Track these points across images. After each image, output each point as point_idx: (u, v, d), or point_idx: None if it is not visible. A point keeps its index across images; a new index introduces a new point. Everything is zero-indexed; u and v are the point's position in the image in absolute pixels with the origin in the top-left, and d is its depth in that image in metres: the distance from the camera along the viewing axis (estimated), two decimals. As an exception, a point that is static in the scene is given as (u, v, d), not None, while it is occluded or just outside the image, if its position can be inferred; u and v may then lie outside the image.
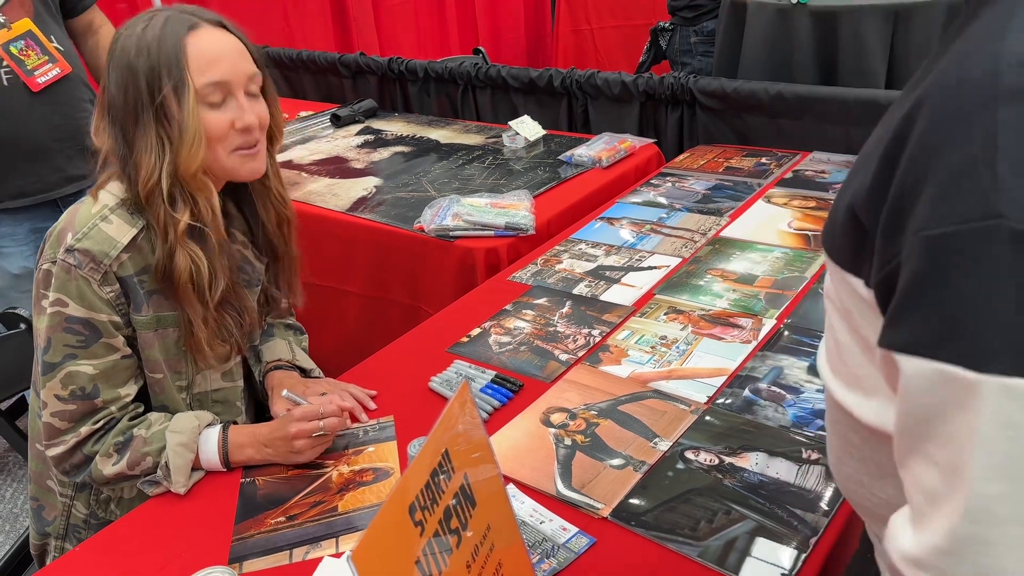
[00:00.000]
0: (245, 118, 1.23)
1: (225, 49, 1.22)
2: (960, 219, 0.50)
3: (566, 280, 1.79)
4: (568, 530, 1.09)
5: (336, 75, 3.58)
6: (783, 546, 1.03)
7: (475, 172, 2.44)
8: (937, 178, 0.52)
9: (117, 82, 1.20)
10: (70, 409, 1.23)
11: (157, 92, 1.18)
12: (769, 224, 1.95)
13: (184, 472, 1.23)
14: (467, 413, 0.82)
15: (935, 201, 0.52)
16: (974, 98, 0.52)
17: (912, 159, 0.55)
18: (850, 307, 0.66)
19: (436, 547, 0.73)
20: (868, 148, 0.66)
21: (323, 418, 1.25)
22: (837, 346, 0.70)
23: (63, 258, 1.20)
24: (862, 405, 0.67)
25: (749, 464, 1.18)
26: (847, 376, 0.69)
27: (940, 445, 0.52)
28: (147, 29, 1.20)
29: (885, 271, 0.57)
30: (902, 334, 0.54)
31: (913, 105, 0.57)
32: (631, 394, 1.37)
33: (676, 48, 3.63)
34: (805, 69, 2.78)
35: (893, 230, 0.56)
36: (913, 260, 0.53)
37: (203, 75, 1.19)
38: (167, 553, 1.13)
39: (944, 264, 0.51)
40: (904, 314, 0.54)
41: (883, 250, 0.58)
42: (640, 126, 2.78)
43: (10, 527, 2.41)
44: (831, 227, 0.69)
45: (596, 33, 4.96)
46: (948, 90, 0.54)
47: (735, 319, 1.56)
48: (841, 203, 0.67)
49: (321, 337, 1.85)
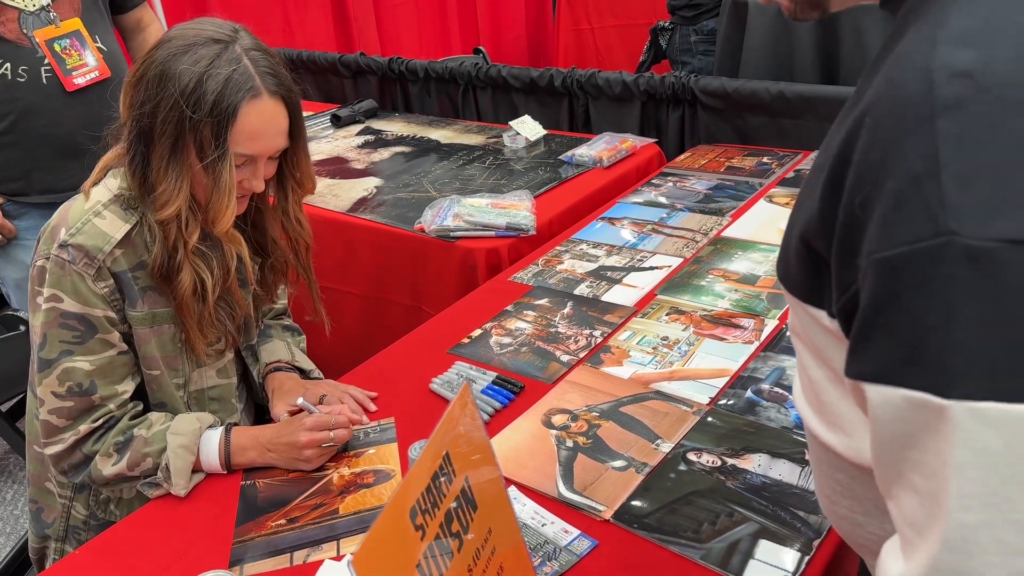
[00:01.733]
0: (254, 184, 1.24)
1: (271, 128, 1.22)
2: (910, 239, 0.48)
3: (567, 281, 1.78)
4: (570, 532, 1.09)
5: (336, 75, 3.57)
6: (786, 548, 1.02)
7: (476, 172, 2.43)
8: (883, 199, 0.51)
9: (161, 105, 1.16)
10: (67, 406, 1.22)
11: (197, 145, 1.17)
12: (771, 224, 1.94)
13: (184, 474, 1.23)
14: (468, 415, 0.82)
15: (883, 222, 0.50)
16: (911, 114, 0.50)
17: (856, 181, 0.54)
18: (816, 341, 0.64)
19: (437, 551, 0.72)
20: (812, 174, 0.64)
21: (334, 428, 1.26)
22: (811, 383, 0.68)
23: (57, 254, 1.20)
24: (845, 443, 0.65)
25: (752, 466, 1.17)
26: (825, 415, 0.67)
27: (919, 472, 0.51)
28: (209, 76, 1.15)
29: (845, 298, 0.56)
30: (865, 362, 0.53)
31: (852, 125, 0.55)
32: (633, 395, 1.36)
33: (676, 47, 3.62)
34: (806, 68, 2.78)
35: (847, 255, 0.55)
36: (868, 285, 0.52)
37: (241, 145, 1.19)
38: (167, 556, 1.13)
39: (898, 287, 0.49)
40: (865, 342, 0.53)
41: (840, 276, 0.56)
42: (641, 126, 2.77)
43: (11, 529, 2.41)
44: (785, 260, 0.68)
45: (597, 32, 4.96)
46: (884, 109, 0.53)
47: (737, 320, 1.55)
48: (792, 233, 0.65)
49: (321, 338, 1.85)
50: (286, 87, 1.24)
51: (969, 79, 0.49)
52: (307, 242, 1.43)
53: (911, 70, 0.52)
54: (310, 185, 1.37)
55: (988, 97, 0.48)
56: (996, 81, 0.48)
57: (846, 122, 0.58)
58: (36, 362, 1.24)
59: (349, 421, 1.30)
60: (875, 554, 0.70)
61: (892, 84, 0.53)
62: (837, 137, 0.58)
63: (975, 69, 0.49)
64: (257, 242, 1.41)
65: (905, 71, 0.52)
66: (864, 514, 0.69)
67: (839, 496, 0.71)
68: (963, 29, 0.51)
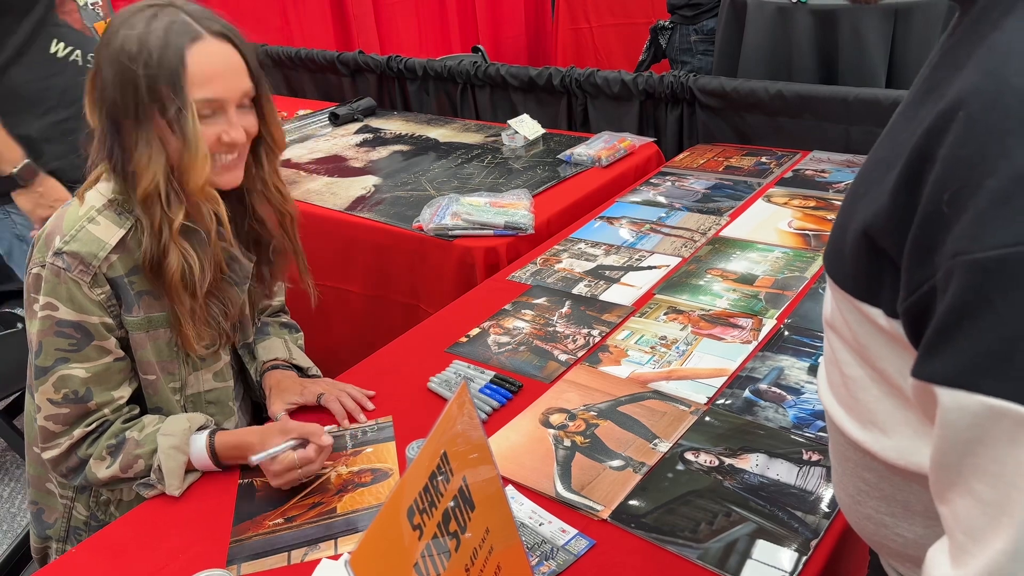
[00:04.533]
0: (232, 134, 1.22)
1: (224, 65, 1.20)
2: (1010, 242, 0.46)
3: (565, 280, 1.78)
4: (567, 532, 1.09)
5: (335, 73, 3.57)
6: (783, 548, 1.02)
7: (474, 171, 2.43)
8: (981, 197, 0.48)
9: (114, 80, 1.17)
10: (63, 412, 1.22)
11: (157, 103, 1.16)
12: (769, 223, 1.94)
13: (177, 475, 1.23)
14: (466, 414, 0.82)
15: (979, 222, 0.48)
16: (1016, 112, 0.48)
17: (945, 177, 0.51)
18: (864, 340, 0.62)
19: (435, 550, 0.72)
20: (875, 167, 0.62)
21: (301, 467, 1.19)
22: (845, 380, 0.66)
23: (52, 261, 1.19)
24: (880, 442, 0.64)
25: (749, 465, 1.17)
26: (859, 412, 0.65)
27: (986, 481, 0.49)
28: (149, 32, 1.16)
29: (915, 297, 0.54)
30: (942, 365, 0.51)
31: (937, 120, 0.53)
32: (631, 395, 1.36)
33: (676, 47, 3.63)
34: (805, 68, 2.78)
35: (923, 253, 0.52)
36: (954, 286, 0.49)
37: (199, 90, 1.17)
38: (165, 555, 1.12)
39: (990, 291, 0.47)
40: (943, 343, 0.51)
41: (911, 275, 0.54)
42: (640, 125, 2.77)
43: (7, 526, 2.40)
44: (836, 255, 0.65)
45: (595, 31, 4.96)
46: (988, 103, 0.50)
47: (735, 319, 1.55)
48: (850, 227, 0.62)
49: (319, 336, 1.85)
50: (229, 28, 1.23)
51: None
52: (291, 214, 1.41)
53: (1017, 63, 0.49)
54: (282, 140, 1.35)
55: None
56: None
57: (923, 116, 0.55)
58: (32, 369, 1.23)
59: (318, 450, 1.21)
60: (898, 556, 0.69)
61: (992, 78, 0.50)
62: (912, 131, 0.55)
63: None
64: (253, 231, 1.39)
65: (1011, 67, 0.50)
66: (891, 515, 0.67)
67: (865, 496, 0.69)
68: None
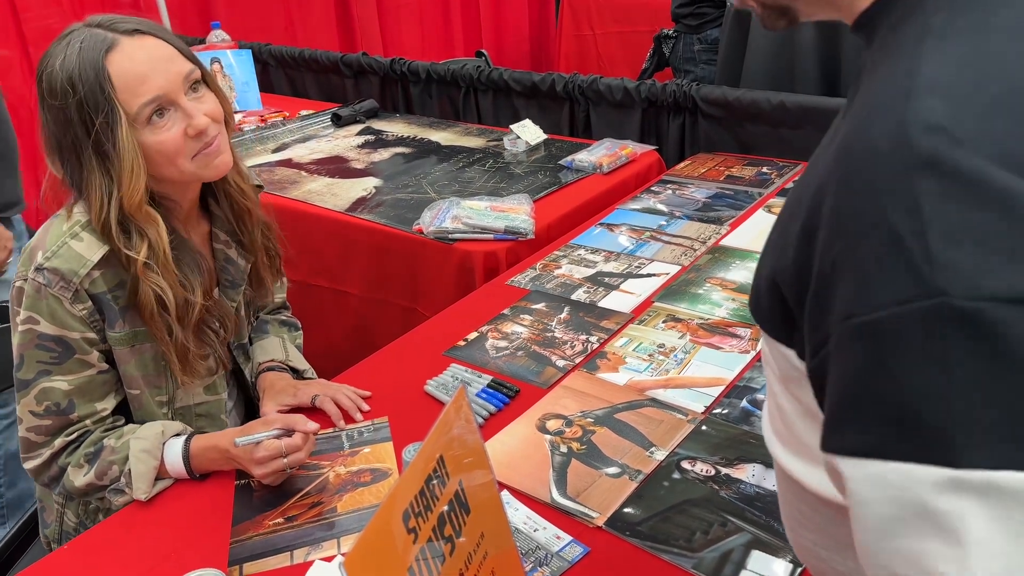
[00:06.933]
0: (195, 123, 1.17)
1: (151, 59, 1.14)
2: (894, 301, 0.45)
3: (565, 285, 1.78)
4: (562, 538, 1.08)
5: (338, 74, 3.57)
6: (778, 560, 1.02)
7: (475, 175, 2.43)
8: (859, 257, 0.47)
9: (53, 122, 1.15)
10: (45, 424, 1.21)
11: (91, 127, 1.12)
12: (769, 234, 1.94)
13: (146, 478, 1.20)
14: (463, 418, 0.82)
15: (861, 283, 0.47)
16: (887, 169, 0.47)
17: (827, 237, 0.50)
18: (788, 374, 0.61)
19: (429, 554, 0.72)
20: (786, 210, 0.61)
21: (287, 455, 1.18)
22: (780, 411, 0.65)
23: (33, 277, 1.17)
24: (810, 474, 0.62)
25: (746, 475, 1.17)
26: (792, 443, 0.64)
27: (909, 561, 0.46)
28: (65, 59, 1.12)
29: (816, 360, 0.52)
30: (848, 437, 0.49)
31: (826, 173, 0.52)
32: (628, 402, 1.36)
33: (679, 56, 3.63)
34: (808, 78, 2.78)
35: (818, 313, 0.51)
36: (847, 352, 0.48)
37: (135, 96, 1.12)
38: (157, 555, 1.12)
39: (884, 353, 0.46)
40: (846, 414, 0.49)
41: (811, 334, 0.53)
42: (641, 132, 2.77)
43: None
44: (756, 295, 0.65)
45: (599, 39, 4.96)
46: (856, 162, 0.49)
47: (733, 329, 1.55)
48: (763, 272, 0.62)
49: (317, 337, 1.84)
50: (144, 22, 1.18)
51: (943, 133, 0.46)
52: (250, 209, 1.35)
53: (884, 122, 0.49)
54: (232, 121, 1.28)
55: (962, 152, 0.46)
56: (968, 134, 0.46)
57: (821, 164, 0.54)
58: (15, 382, 1.22)
59: (304, 437, 1.20)
60: None
61: (863, 137, 0.50)
62: (812, 180, 0.54)
63: (948, 122, 0.47)
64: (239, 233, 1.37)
65: (877, 124, 0.49)
66: (826, 548, 0.66)
67: (801, 528, 0.69)
68: (934, 78, 0.49)
